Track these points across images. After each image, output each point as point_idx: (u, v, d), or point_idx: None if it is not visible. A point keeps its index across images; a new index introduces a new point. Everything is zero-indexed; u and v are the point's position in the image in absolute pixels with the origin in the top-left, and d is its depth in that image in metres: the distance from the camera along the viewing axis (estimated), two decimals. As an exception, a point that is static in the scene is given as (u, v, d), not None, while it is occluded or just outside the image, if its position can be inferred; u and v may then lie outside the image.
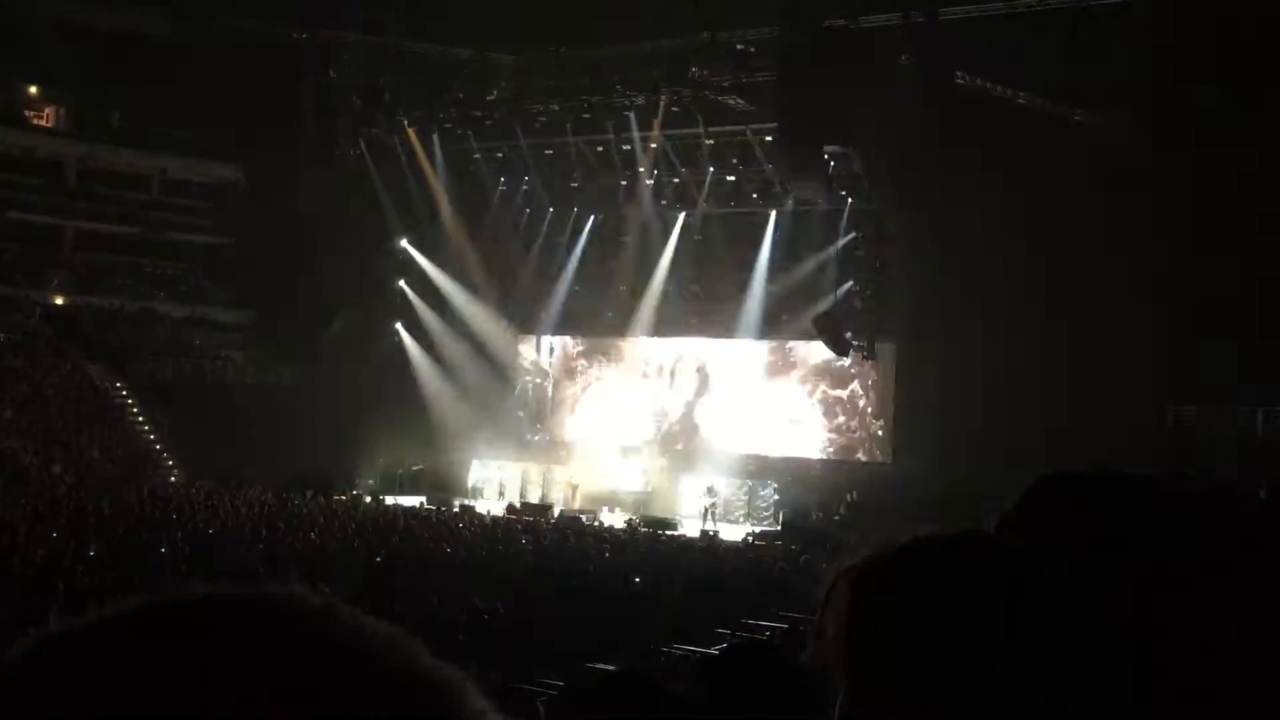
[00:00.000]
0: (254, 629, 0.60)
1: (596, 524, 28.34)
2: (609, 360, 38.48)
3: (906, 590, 1.03)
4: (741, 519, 31.59)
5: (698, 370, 36.55)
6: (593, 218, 38.20)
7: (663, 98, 32.57)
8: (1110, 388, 27.61)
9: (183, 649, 0.58)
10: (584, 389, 38.63)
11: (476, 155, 37.81)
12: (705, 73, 31.61)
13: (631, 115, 33.97)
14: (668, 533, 27.30)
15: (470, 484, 35.37)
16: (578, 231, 38.42)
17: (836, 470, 32.64)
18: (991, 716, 0.98)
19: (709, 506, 30.65)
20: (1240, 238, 26.99)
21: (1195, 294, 27.99)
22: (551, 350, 39.78)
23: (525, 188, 38.55)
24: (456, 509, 30.66)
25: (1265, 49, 25.36)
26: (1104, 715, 1.00)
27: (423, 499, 32.75)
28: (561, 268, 38.89)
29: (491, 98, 34.69)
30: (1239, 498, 1.59)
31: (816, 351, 32.04)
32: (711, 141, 34.26)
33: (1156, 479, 1.38)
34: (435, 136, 37.17)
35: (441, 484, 35.36)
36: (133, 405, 37.70)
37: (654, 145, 34.91)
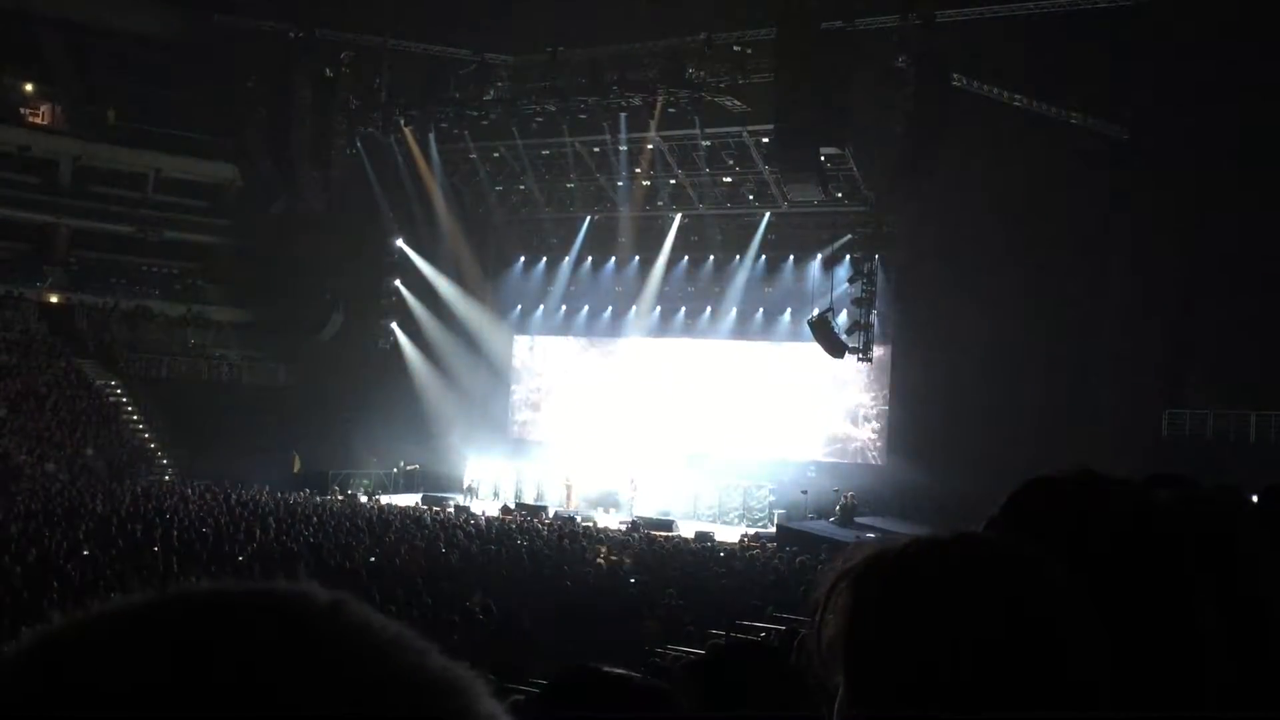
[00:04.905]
0: (263, 625, 0.58)
1: (592, 524, 28.33)
2: (605, 360, 38.48)
3: (906, 591, 1.03)
4: (737, 520, 31.61)
5: (693, 371, 36.53)
6: (589, 218, 38.21)
7: (659, 99, 32.54)
8: (1106, 392, 27.66)
9: (189, 645, 0.57)
10: (579, 389, 38.61)
11: (473, 155, 37.80)
12: (702, 74, 31.62)
13: (627, 116, 33.95)
14: (664, 534, 27.30)
15: (465, 484, 35.33)
16: (574, 232, 38.44)
17: (832, 472, 32.67)
18: (991, 716, 0.98)
19: (630, 497, 32.24)
20: (1236, 240, 27.04)
21: (1192, 299, 28.03)
22: (547, 350, 39.78)
23: (521, 187, 38.58)
24: (451, 509, 30.66)
25: (1258, 50, 25.41)
26: (1102, 710, 1.00)
27: (418, 498, 32.76)
28: (557, 268, 38.92)
29: (488, 98, 34.64)
30: (1211, 502, 1.60)
31: (812, 353, 32.03)
32: (708, 142, 34.28)
33: (1134, 483, 1.40)
34: (431, 136, 37.13)
35: (436, 484, 35.36)
36: (127, 404, 37.67)
37: (650, 146, 34.92)
